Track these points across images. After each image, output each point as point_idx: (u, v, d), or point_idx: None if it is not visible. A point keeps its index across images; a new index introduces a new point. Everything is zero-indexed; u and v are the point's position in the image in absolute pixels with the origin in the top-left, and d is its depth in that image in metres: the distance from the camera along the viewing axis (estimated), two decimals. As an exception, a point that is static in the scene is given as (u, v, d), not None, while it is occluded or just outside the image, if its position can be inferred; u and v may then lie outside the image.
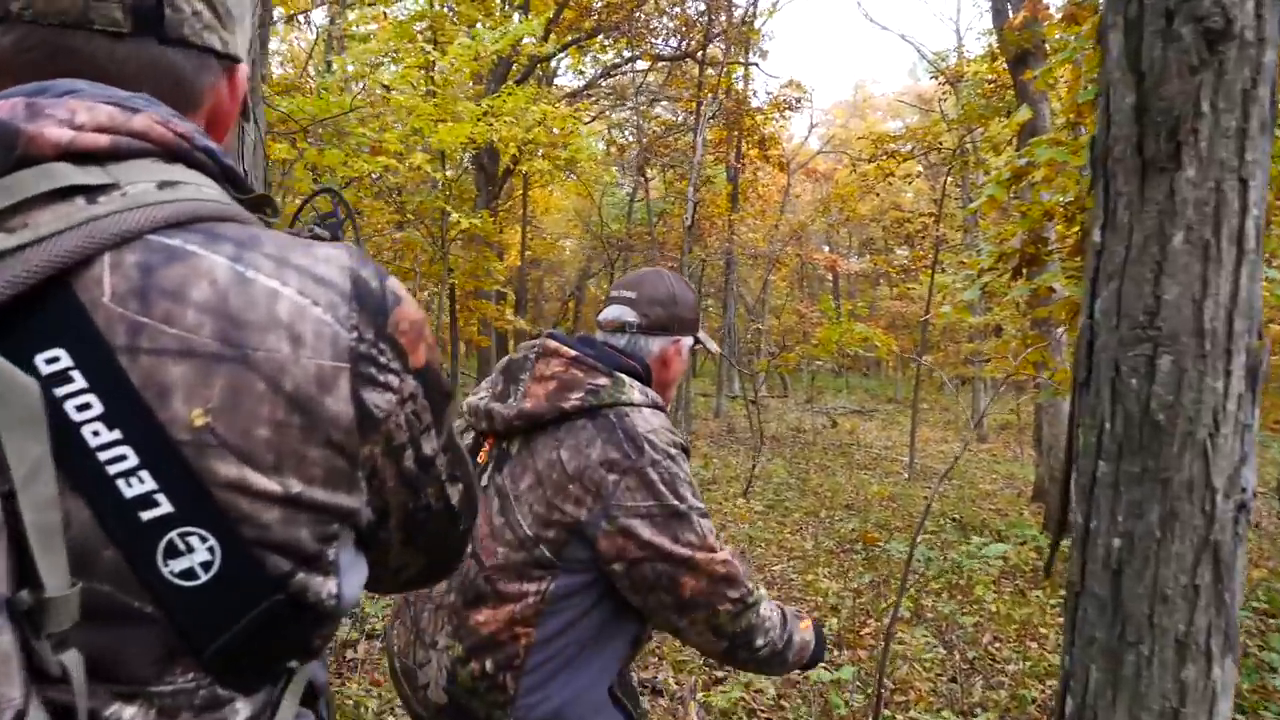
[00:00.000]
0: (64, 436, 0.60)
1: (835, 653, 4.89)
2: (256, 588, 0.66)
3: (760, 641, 1.69)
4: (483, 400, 1.76)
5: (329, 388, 0.67)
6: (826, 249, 37.12)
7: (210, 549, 0.63)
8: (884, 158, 17.15)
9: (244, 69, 0.88)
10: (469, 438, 1.80)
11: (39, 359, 0.60)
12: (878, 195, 22.94)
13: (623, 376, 1.67)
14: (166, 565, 0.63)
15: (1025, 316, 11.19)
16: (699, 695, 4.05)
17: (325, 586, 0.71)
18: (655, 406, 1.68)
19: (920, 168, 22.16)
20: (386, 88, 10.82)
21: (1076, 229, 6.88)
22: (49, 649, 0.58)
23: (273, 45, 17.64)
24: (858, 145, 23.30)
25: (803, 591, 6.13)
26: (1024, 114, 6.48)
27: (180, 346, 0.63)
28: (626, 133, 23.40)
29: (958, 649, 4.99)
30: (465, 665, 1.60)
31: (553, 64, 19.60)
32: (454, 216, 10.61)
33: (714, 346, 1.99)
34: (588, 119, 20.14)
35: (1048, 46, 9.15)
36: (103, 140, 0.67)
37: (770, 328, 28.46)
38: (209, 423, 0.63)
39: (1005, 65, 10.79)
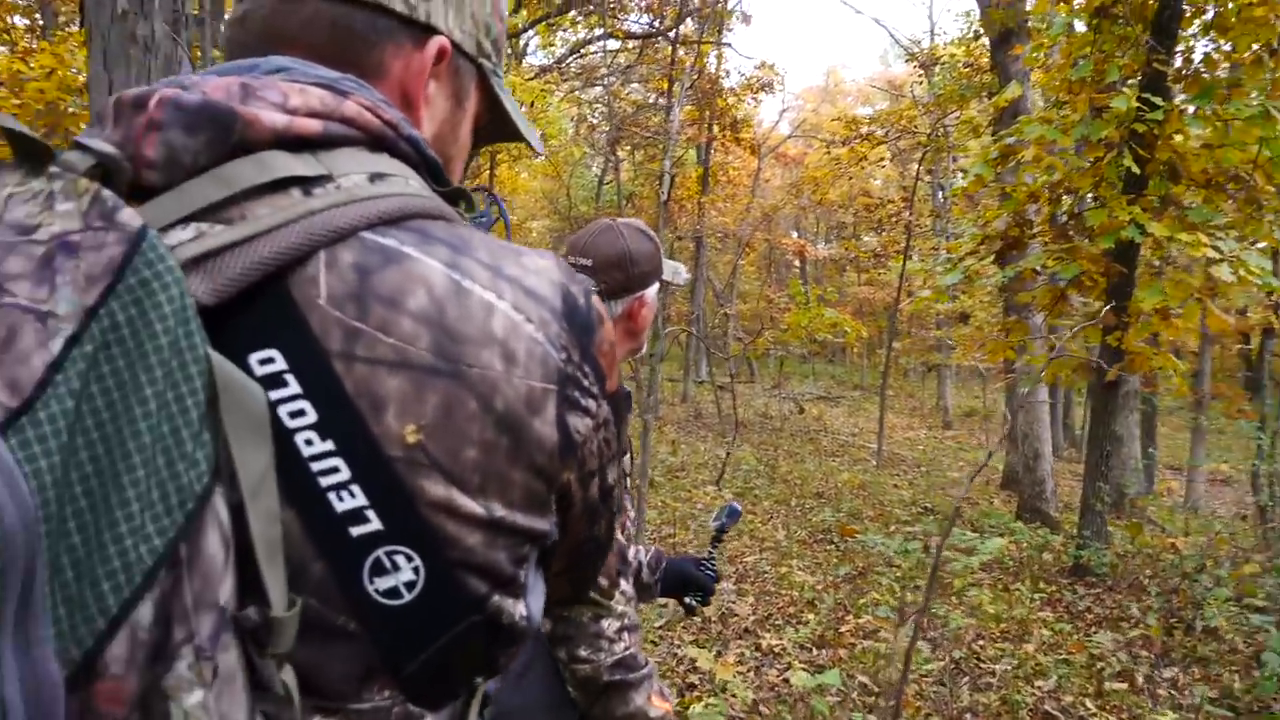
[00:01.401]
0: (279, 444, 0.58)
1: (814, 653, 4.65)
2: (456, 609, 0.65)
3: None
4: None
5: (537, 410, 0.65)
6: (795, 234, 37.00)
7: (415, 569, 0.62)
8: (858, 140, 16.94)
9: (440, 44, 0.79)
10: None
11: (252, 359, 0.58)
12: (850, 179, 22.78)
13: None
14: (372, 583, 0.61)
15: (1002, 300, 11.02)
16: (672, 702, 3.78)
17: (517, 608, 0.69)
18: None
19: (888, 154, 22.02)
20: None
21: (1061, 209, 6.68)
22: (273, 667, 0.57)
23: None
24: (830, 128, 23.12)
25: (777, 585, 5.89)
26: (1014, 90, 6.25)
27: (396, 357, 0.60)
28: (596, 112, 23.02)
29: (942, 647, 4.77)
30: None
31: (522, 42, 19.16)
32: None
33: (683, 279, 1.86)
34: (558, 95, 19.74)
35: (1030, 26, 8.94)
36: (315, 126, 0.65)
37: (738, 312, 28.32)
38: (421, 440, 0.61)
39: (986, 45, 10.58)
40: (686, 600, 1.90)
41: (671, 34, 17.01)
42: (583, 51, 19.85)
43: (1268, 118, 5.19)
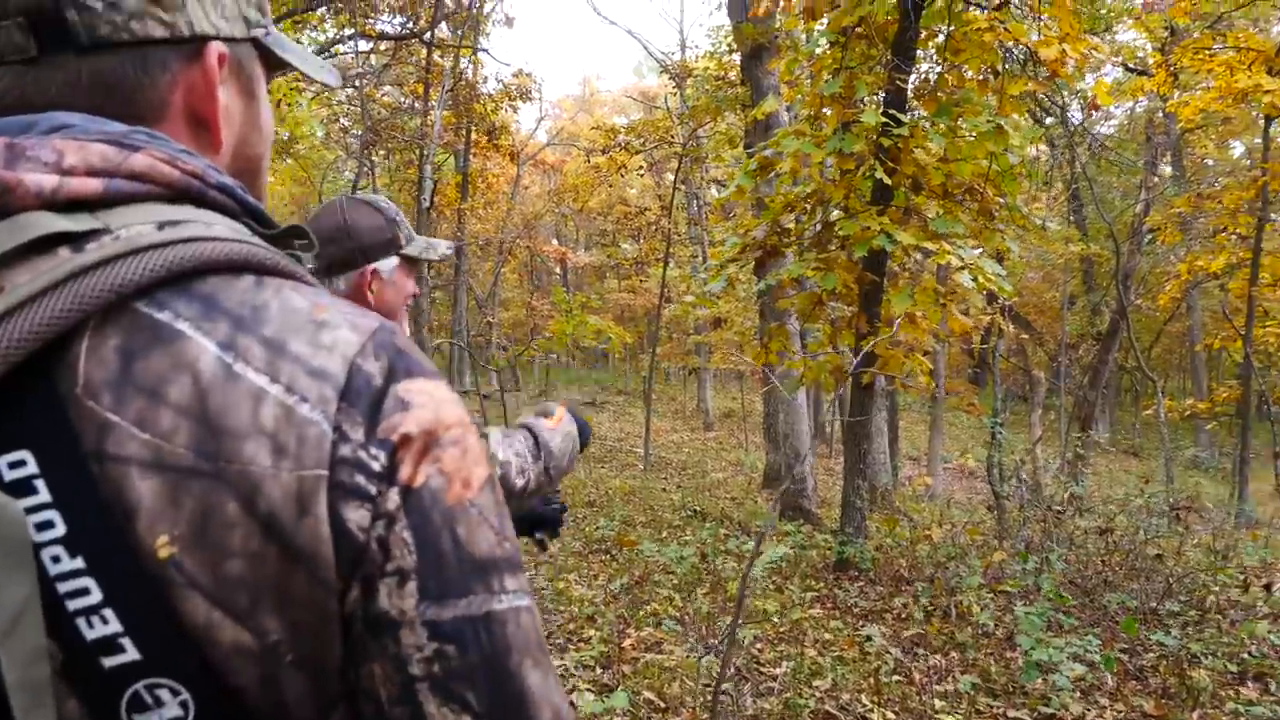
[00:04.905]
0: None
1: (597, 672, 4.55)
2: None
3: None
4: None
5: (308, 505, 0.53)
6: (556, 241, 37.21)
7: (183, 704, 0.52)
8: (616, 149, 17.20)
9: (216, 51, 0.68)
10: None
11: (2, 462, 0.52)
12: (610, 187, 23.12)
13: None
14: None
15: (758, 306, 11.44)
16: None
17: None
18: None
19: (645, 164, 22.55)
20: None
21: (815, 220, 6.96)
22: None
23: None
24: (588, 136, 23.38)
25: (554, 602, 5.76)
26: (771, 104, 6.44)
27: (150, 456, 0.52)
28: (349, 114, 22.15)
29: (723, 655, 4.79)
30: None
31: (264, 36, 18.06)
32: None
33: (439, 254, 1.74)
34: (308, 94, 18.81)
35: (779, 42, 9.32)
36: (94, 185, 0.56)
37: (501, 320, 28.10)
38: (174, 554, 0.52)
39: (739, 60, 10.93)
40: (538, 536, 1.89)
41: (426, 36, 16.60)
42: (333, 51, 19.02)
43: (999, 132, 5.60)
